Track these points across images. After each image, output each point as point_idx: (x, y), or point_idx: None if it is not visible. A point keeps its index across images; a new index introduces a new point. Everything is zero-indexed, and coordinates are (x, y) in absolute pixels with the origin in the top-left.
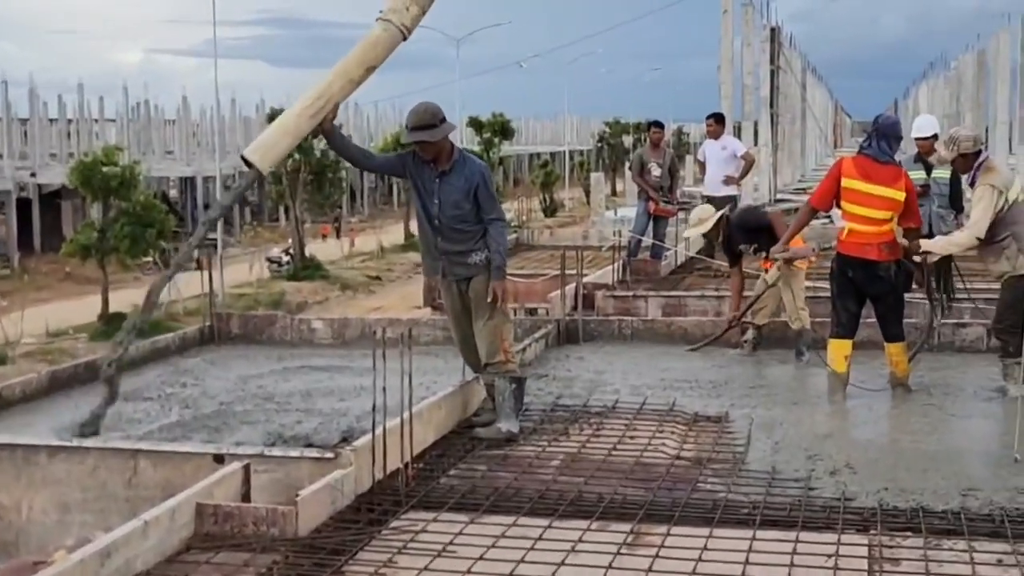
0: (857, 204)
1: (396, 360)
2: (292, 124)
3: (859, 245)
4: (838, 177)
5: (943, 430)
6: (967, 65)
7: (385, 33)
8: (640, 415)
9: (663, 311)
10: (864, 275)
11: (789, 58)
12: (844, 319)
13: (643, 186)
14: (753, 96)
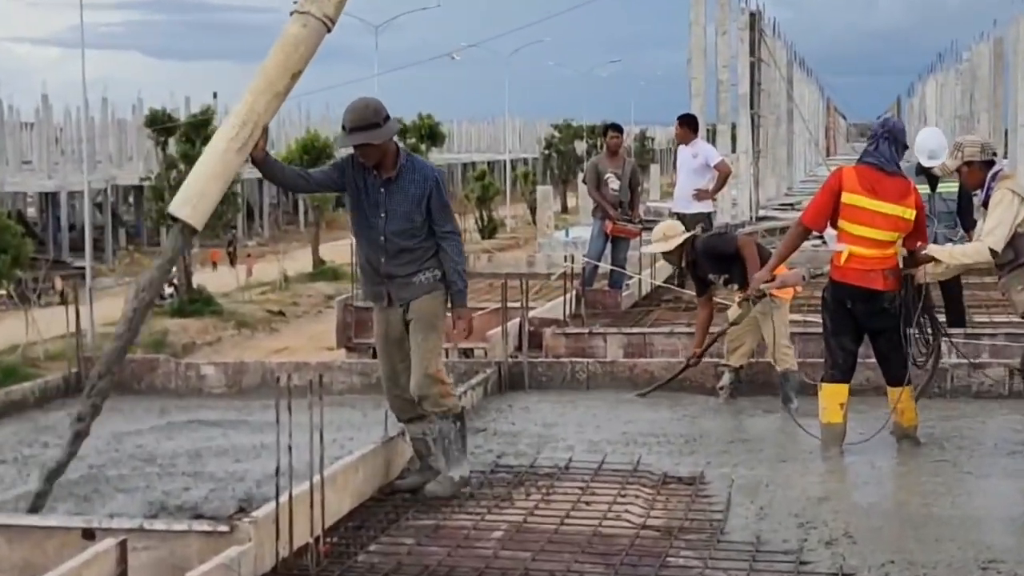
0: (859, 224)
1: (304, 413)
2: (219, 163)
3: (860, 272)
4: (837, 191)
5: (958, 491)
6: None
7: (305, 29)
8: (598, 476)
9: (625, 351)
10: (865, 308)
11: (772, 49)
12: (840, 359)
13: (599, 201)
14: (730, 94)
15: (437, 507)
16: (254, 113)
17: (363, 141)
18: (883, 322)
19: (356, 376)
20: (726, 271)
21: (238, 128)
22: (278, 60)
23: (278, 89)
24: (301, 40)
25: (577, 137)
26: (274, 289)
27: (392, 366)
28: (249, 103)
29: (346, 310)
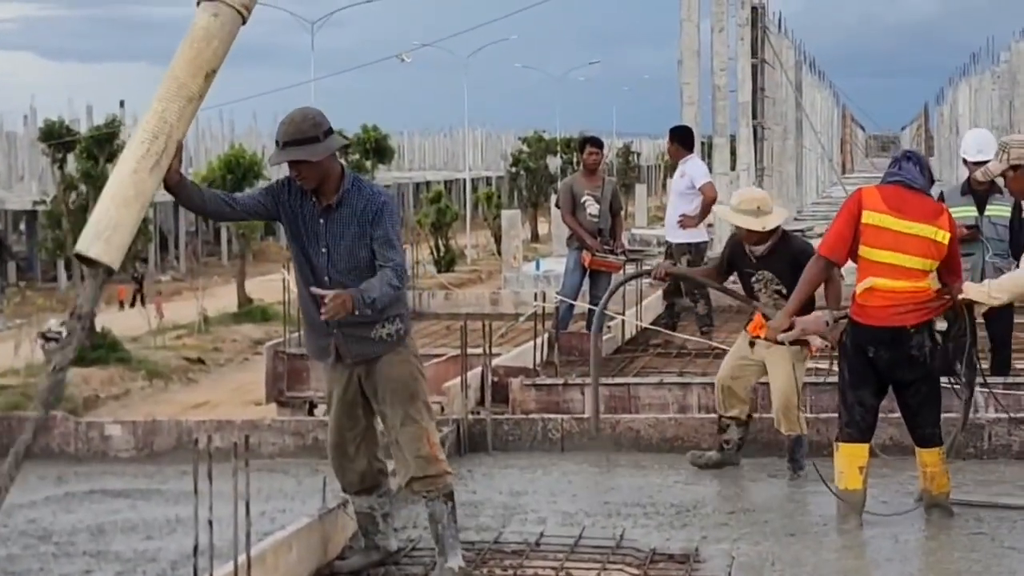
0: (884, 248)
1: (227, 480)
2: (130, 188)
3: (884, 309)
4: (857, 212)
5: (997, 570)
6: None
7: (217, 20)
8: (575, 554)
9: (606, 405)
10: (891, 355)
11: (778, 49)
12: (858, 416)
13: (575, 229)
14: (729, 102)
15: None
16: (165, 124)
17: (298, 158)
18: (912, 372)
19: (289, 436)
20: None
21: (149, 143)
22: (188, 58)
23: (191, 92)
24: (213, 33)
25: (549, 152)
26: (192, 332)
27: (341, 433)
28: (159, 112)
29: (277, 358)
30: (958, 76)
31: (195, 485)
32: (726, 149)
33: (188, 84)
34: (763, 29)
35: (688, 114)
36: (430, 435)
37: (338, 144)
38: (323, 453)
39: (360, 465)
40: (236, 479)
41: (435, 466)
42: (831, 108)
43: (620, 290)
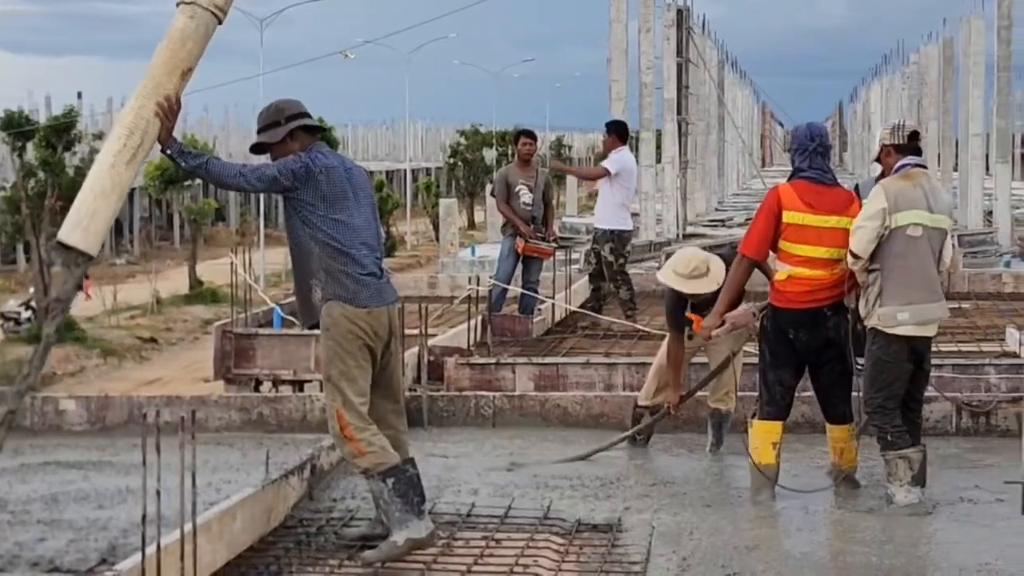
0: (804, 243)
1: (175, 453)
2: (107, 180)
3: (803, 294)
4: (778, 211)
5: (901, 538)
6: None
7: (193, 22)
8: (505, 525)
9: (536, 384)
10: (810, 336)
11: (702, 49)
12: (778, 395)
13: (509, 217)
14: (655, 98)
15: (325, 559)
16: (142, 120)
17: (257, 140)
18: (827, 352)
19: (235, 411)
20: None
21: (125, 138)
22: (165, 58)
23: (167, 91)
24: (188, 34)
25: (486, 144)
26: (145, 313)
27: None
28: (136, 109)
29: (225, 337)
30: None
31: (144, 457)
32: (652, 143)
33: (164, 83)
34: (688, 30)
35: (616, 110)
36: (340, 415)
37: (297, 124)
38: (267, 427)
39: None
40: (183, 452)
41: (348, 446)
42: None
43: (549, 275)
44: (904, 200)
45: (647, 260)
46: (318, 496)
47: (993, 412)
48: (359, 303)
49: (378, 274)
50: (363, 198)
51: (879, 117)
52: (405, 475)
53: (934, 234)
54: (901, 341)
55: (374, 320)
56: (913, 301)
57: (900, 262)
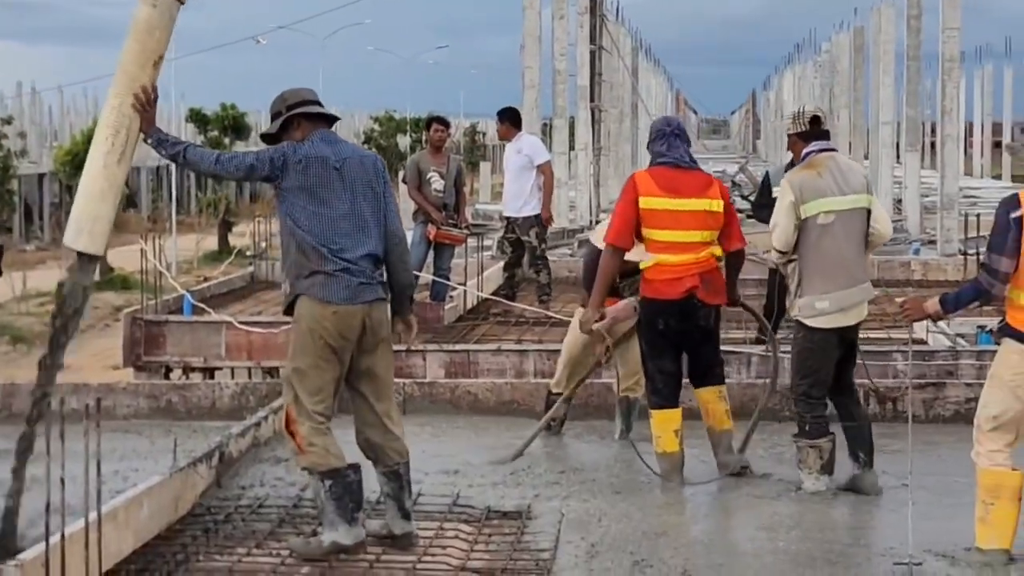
0: (663, 228)
1: (80, 440)
2: (103, 181)
3: (672, 283)
4: (635, 197)
5: (809, 523)
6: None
7: (156, 10)
8: (414, 512)
9: (446, 370)
10: (681, 325)
11: (616, 37)
12: (661, 384)
13: (420, 203)
14: (568, 85)
15: (232, 547)
16: (124, 117)
17: (262, 132)
18: (701, 339)
19: (143, 399)
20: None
21: (112, 137)
22: (135, 51)
23: (142, 82)
24: (155, 24)
25: (400, 131)
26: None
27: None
28: (116, 107)
29: (134, 324)
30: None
31: (47, 445)
32: (565, 130)
33: (138, 76)
34: (601, 17)
35: (529, 97)
36: (288, 411)
37: (295, 113)
38: (176, 415)
39: (357, 437)
40: (88, 439)
41: (290, 442)
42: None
43: (461, 262)
44: (809, 190)
45: (561, 247)
46: (227, 484)
47: (900, 398)
48: (326, 300)
49: (359, 271)
50: (357, 191)
51: (791, 105)
52: (344, 480)
53: (849, 216)
54: (828, 330)
55: (340, 320)
56: (832, 289)
57: (815, 251)
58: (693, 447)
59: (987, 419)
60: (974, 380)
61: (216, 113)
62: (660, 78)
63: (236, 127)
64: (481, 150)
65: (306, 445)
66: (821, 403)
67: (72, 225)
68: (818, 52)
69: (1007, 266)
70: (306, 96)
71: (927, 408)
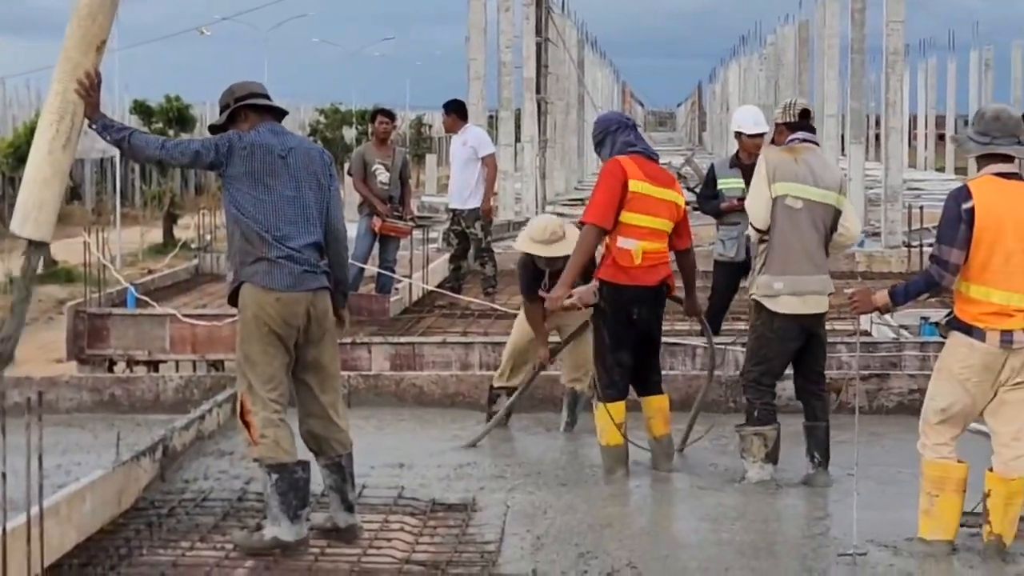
0: (647, 214)
1: (22, 434)
2: (48, 168)
3: (648, 270)
4: (624, 180)
5: (753, 514)
6: (787, 41)
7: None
8: (359, 505)
9: (392, 363)
10: (651, 312)
11: (561, 29)
12: (618, 376)
13: (366, 196)
14: (514, 77)
15: (176, 541)
16: (68, 103)
17: (210, 123)
18: (656, 329)
19: (86, 392)
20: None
21: (56, 123)
22: (77, 37)
23: (86, 67)
24: (96, 9)
25: (345, 123)
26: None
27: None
28: (60, 93)
29: (78, 317)
30: (729, 57)
31: None
32: (511, 122)
33: (81, 61)
34: (547, 10)
35: (475, 89)
36: (243, 399)
37: (241, 105)
38: (120, 408)
39: (300, 428)
40: (30, 433)
41: (244, 431)
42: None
43: (407, 254)
44: (783, 171)
45: (507, 239)
46: (170, 478)
47: (844, 389)
48: (269, 287)
49: (302, 259)
50: (303, 181)
51: (737, 98)
52: (291, 476)
53: (818, 209)
54: (786, 318)
55: (284, 307)
56: (790, 272)
57: (780, 233)
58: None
59: (935, 412)
60: (918, 371)
61: (160, 105)
62: (606, 70)
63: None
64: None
65: (258, 436)
66: (771, 391)
67: (18, 212)
68: (763, 45)
69: (957, 258)
70: (254, 89)
71: (871, 399)
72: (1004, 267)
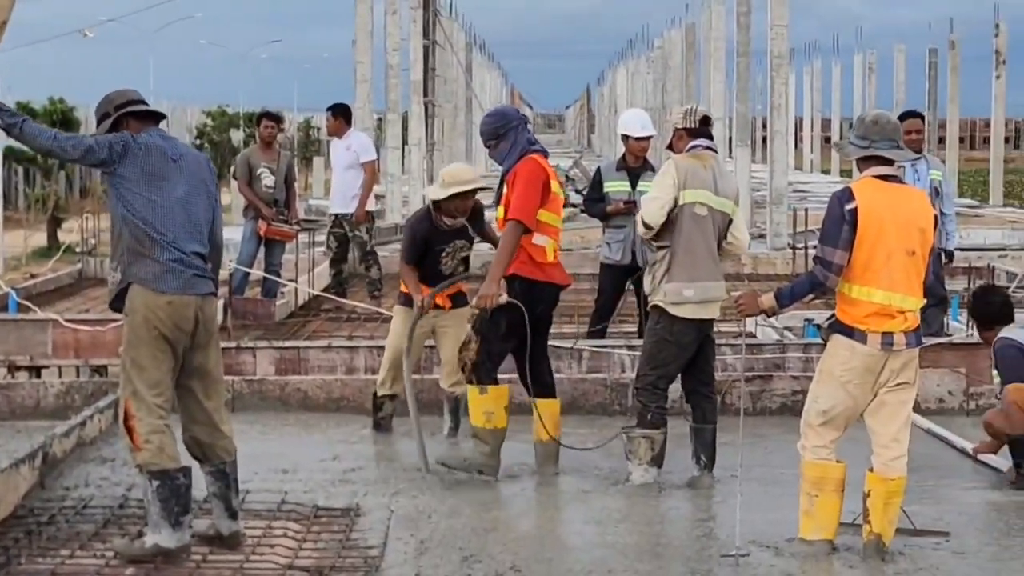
0: (557, 213)
1: None
2: None
3: (557, 267)
4: (547, 181)
5: (637, 516)
6: (674, 44)
7: None
8: (242, 511)
9: (277, 367)
10: (549, 311)
11: (449, 32)
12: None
13: (250, 199)
14: (401, 80)
15: (56, 549)
16: None
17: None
18: (549, 326)
19: None
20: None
21: None
22: None
23: None
24: None
25: (233, 126)
26: None
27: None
28: None
29: None
30: (617, 60)
31: None
32: (398, 125)
33: None
34: (435, 12)
35: (362, 92)
36: (127, 404)
37: (123, 112)
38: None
39: (184, 434)
40: None
41: (126, 437)
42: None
43: (292, 258)
44: (693, 179)
45: (394, 242)
46: (50, 485)
47: (728, 391)
48: (160, 290)
49: (191, 263)
50: (194, 186)
51: (625, 100)
52: (173, 483)
53: (718, 216)
54: (686, 323)
55: (175, 311)
56: (698, 279)
57: (686, 240)
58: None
59: (817, 414)
60: (800, 372)
61: (44, 107)
62: (495, 73)
63: (65, 121)
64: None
65: (142, 442)
66: (665, 395)
67: None
68: (651, 48)
69: (840, 258)
70: (132, 96)
71: (755, 401)
72: (886, 267)
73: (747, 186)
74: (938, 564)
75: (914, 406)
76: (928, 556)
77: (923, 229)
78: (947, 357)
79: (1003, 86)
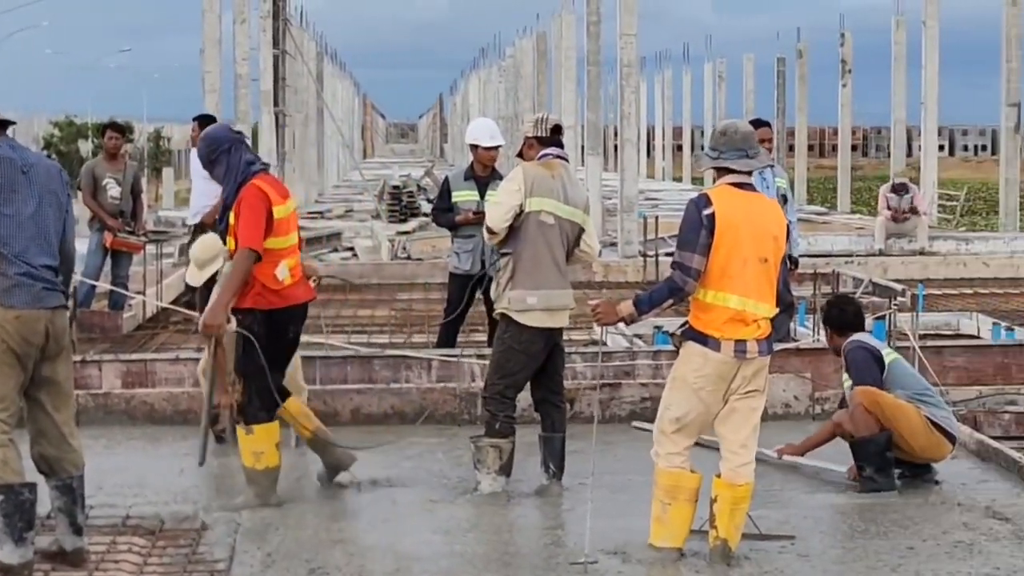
0: (286, 235)
1: None
2: None
3: (298, 285)
4: (269, 208)
5: (485, 525)
6: (525, 54)
7: None
8: (86, 527)
9: (123, 380)
10: (297, 329)
11: (300, 42)
12: (269, 399)
13: (96, 211)
14: (251, 90)
15: None
16: None
17: None
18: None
19: None
20: None
21: None
22: None
23: None
24: None
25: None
26: None
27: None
28: None
29: None
30: (469, 69)
31: None
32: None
33: None
34: (285, 21)
35: (210, 101)
36: None
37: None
38: None
39: (32, 449)
40: None
41: None
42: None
43: (140, 270)
44: (540, 187)
45: None
46: None
47: (578, 399)
48: (8, 304)
49: (40, 276)
50: (44, 197)
51: (478, 109)
52: (17, 498)
53: (566, 225)
54: (534, 332)
55: (24, 325)
56: (542, 286)
57: (531, 247)
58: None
59: (670, 421)
60: (650, 380)
61: None
62: (346, 82)
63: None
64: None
65: None
66: (513, 404)
67: None
68: (503, 57)
69: (699, 263)
70: None
71: (604, 408)
72: (741, 273)
73: (599, 194)
74: (783, 567)
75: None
76: (773, 560)
77: (776, 237)
78: (793, 362)
79: (849, 94)
